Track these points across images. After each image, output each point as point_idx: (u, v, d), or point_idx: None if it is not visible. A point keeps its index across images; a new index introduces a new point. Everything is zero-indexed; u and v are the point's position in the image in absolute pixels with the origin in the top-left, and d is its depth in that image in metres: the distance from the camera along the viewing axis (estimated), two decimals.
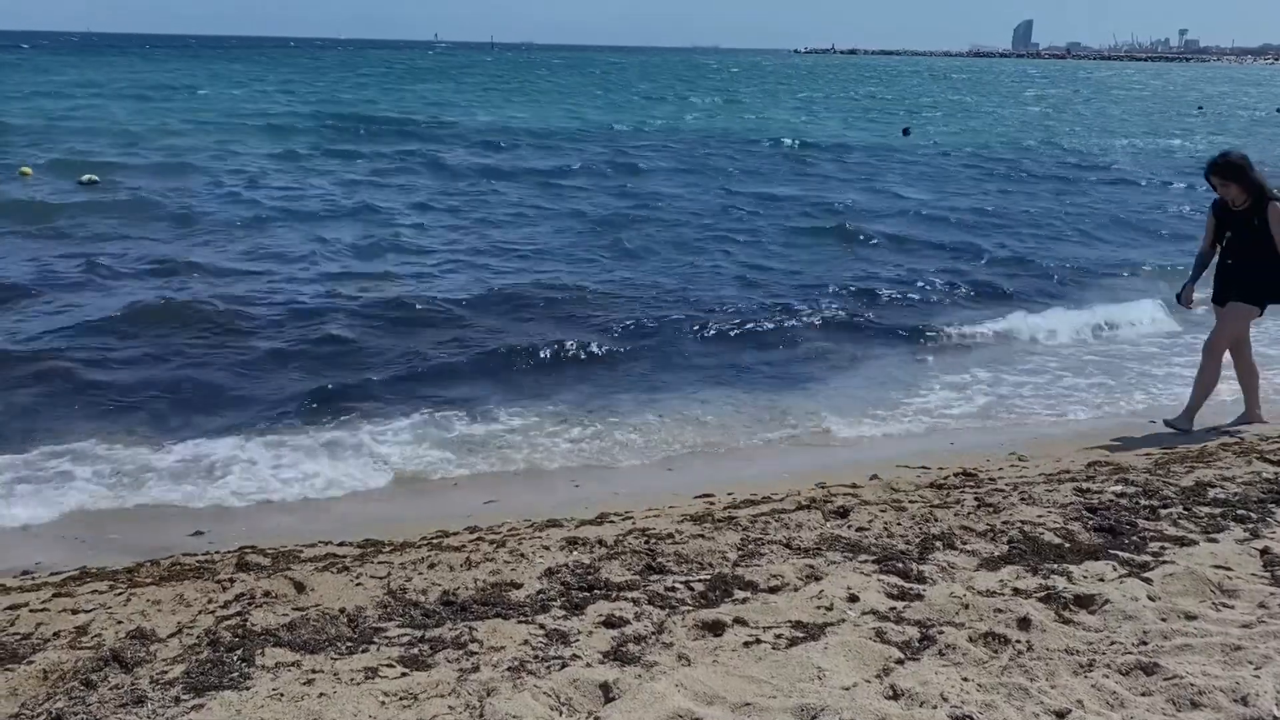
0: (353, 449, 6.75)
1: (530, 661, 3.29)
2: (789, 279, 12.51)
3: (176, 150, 22.97)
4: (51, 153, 21.18)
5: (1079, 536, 4.58)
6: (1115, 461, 6.17)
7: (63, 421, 7.03)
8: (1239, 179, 6.79)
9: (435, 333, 9.59)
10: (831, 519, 4.97)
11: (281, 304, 10.39)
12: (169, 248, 12.97)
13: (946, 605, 3.72)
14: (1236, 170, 6.80)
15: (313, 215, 15.92)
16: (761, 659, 3.30)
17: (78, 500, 5.89)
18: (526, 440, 7.10)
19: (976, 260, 14.05)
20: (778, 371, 8.93)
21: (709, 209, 17.66)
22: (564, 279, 12.02)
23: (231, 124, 30.09)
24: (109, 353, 8.58)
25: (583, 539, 4.72)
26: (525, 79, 73.82)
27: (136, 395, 7.61)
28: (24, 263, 11.79)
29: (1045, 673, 3.23)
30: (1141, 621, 3.59)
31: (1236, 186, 6.81)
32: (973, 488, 5.60)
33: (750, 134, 33.15)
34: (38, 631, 3.69)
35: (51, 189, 17.02)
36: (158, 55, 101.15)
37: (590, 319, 10.27)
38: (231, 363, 8.50)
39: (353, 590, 4.05)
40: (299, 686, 3.09)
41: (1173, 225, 17.67)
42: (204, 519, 5.73)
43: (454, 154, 24.93)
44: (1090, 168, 26.17)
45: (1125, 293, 12.21)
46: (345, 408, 7.46)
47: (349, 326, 9.65)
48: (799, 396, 8.22)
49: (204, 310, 9.93)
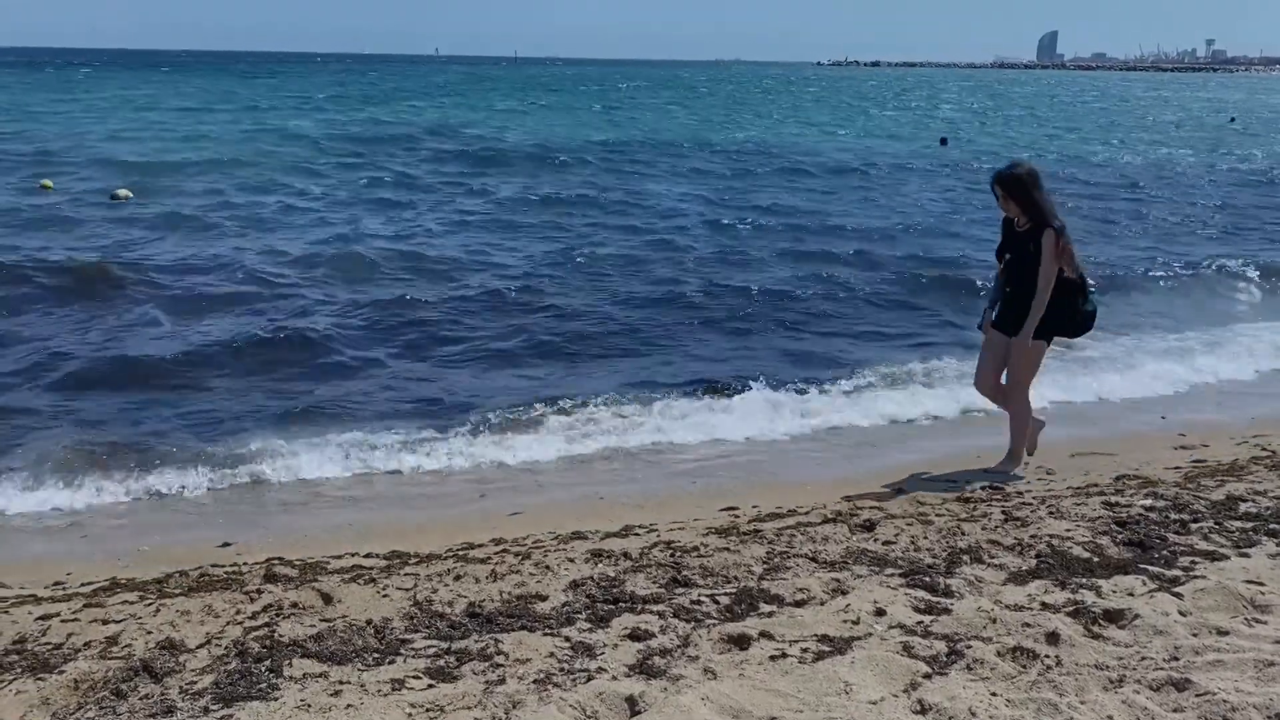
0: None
1: (556, 674, 3.30)
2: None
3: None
4: (86, 168, 21.46)
5: (1108, 551, 4.54)
6: (1144, 475, 6.11)
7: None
8: (1019, 196, 6.04)
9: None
10: (857, 532, 4.95)
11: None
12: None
13: (974, 619, 3.70)
14: (1018, 185, 6.04)
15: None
16: (788, 673, 3.29)
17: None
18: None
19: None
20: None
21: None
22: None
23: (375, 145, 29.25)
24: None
25: (607, 551, 4.72)
26: (640, 95, 72.90)
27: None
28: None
29: (1075, 688, 3.20)
30: (1172, 637, 3.56)
31: (1016, 204, 6.09)
32: (1000, 501, 5.57)
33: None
34: (69, 641, 3.73)
35: (76, 202, 17.21)
36: (201, 71, 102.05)
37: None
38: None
39: (379, 602, 4.07)
40: (326, 698, 3.11)
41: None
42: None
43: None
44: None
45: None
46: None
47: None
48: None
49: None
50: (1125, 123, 49.69)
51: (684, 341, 10.03)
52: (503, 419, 7.54)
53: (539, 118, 45.42)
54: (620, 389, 8.30)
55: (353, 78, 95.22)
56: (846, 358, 9.57)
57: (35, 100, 46.34)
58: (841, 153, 30.69)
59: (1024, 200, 6.04)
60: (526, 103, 58.83)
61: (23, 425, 7.24)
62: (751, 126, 42.31)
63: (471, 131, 35.63)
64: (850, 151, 31.20)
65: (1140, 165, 28.53)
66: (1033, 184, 6.04)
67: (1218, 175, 26.47)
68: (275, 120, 37.73)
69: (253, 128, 33.84)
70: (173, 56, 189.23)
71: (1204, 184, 24.37)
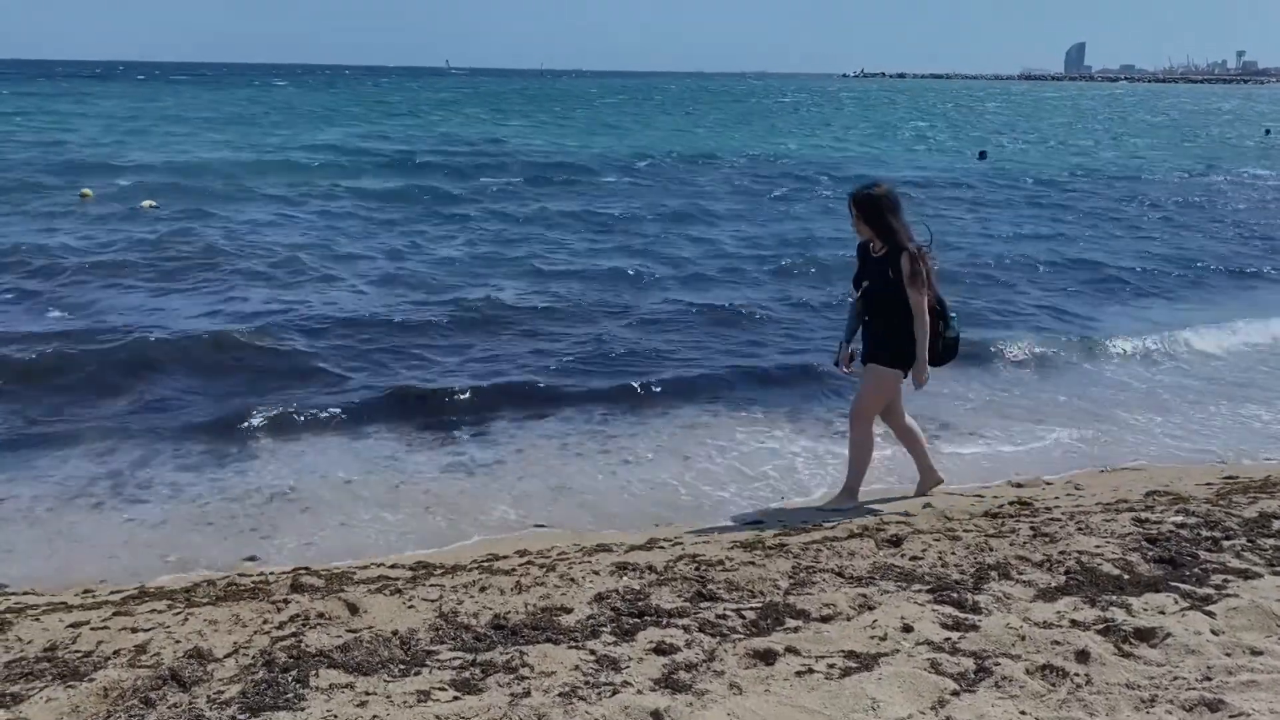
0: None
1: (581, 687, 3.29)
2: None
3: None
4: (119, 179, 21.76)
5: (1138, 568, 4.49)
6: (1175, 491, 6.04)
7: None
8: (872, 219, 5.79)
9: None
10: (884, 547, 4.92)
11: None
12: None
13: (1002, 636, 3.67)
14: (872, 207, 5.77)
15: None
16: (814, 689, 3.27)
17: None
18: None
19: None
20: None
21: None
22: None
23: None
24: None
25: (632, 564, 4.72)
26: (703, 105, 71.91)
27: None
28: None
29: (1105, 707, 3.16)
30: (1205, 656, 3.51)
31: (870, 227, 5.83)
32: (1028, 517, 5.52)
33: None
34: (98, 649, 3.76)
35: (107, 212, 17.43)
36: (227, 83, 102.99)
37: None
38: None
39: (405, 613, 4.08)
40: (352, 708, 3.12)
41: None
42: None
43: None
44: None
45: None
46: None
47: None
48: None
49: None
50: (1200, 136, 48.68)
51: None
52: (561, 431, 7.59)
53: (702, 134, 44.64)
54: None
55: (391, 90, 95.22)
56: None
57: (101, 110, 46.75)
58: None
59: (878, 223, 5.79)
60: (651, 119, 55.94)
61: (65, 430, 7.33)
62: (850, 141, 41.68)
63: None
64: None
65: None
66: (889, 207, 5.77)
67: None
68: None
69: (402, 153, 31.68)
70: (171, 69, 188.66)
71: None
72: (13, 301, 11.19)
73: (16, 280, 12.08)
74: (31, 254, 13.34)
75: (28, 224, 15.99)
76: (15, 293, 11.53)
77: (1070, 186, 26.43)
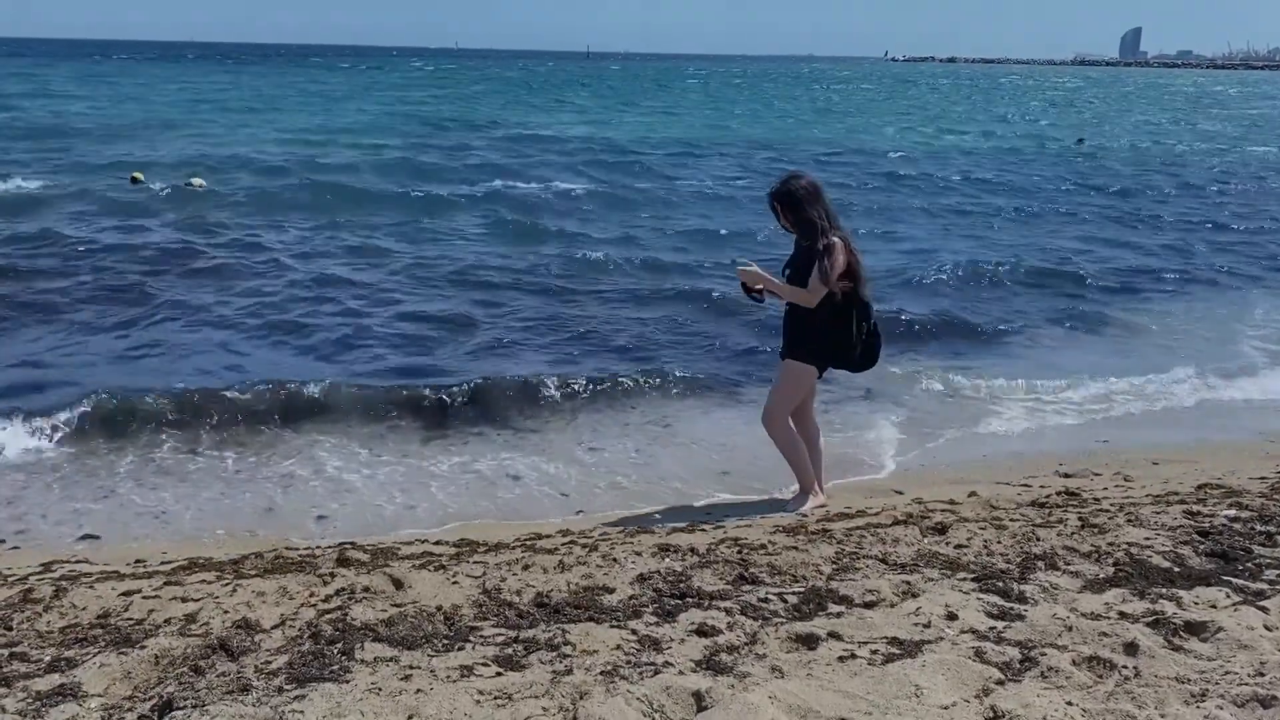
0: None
1: (623, 666, 3.30)
2: None
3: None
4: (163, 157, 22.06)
5: (1189, 561, 4.41)
6: (1227, 484, 5.93)
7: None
8: (793, 210, 5.61)
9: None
10: (929, 535, 4.88)
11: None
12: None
13: (1049, 627, 3.62)
14: (792, 200, 5.59)
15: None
16: (857, 674, 3.25)
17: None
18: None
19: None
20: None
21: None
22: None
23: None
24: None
25: (674, 546, 4.72)
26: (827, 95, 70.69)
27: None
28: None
29: (1155, 700, 3.11)
30: (1258, 651, 3.44)
31: (788, 219, 5.66)
32: (1076, 507, 5.45)
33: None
34: (150, 618, 3.83)
35: (156, 191, 17.65)
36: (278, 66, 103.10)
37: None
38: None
39: (449, 588, 4.11)
40: (397, 682, 3.15)
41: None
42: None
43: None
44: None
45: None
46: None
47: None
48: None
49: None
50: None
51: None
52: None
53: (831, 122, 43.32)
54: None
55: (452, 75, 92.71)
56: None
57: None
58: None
59: (795, 215, 5.60)
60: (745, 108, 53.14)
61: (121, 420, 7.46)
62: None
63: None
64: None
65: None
66: (807, 198, 5.57)
67: None
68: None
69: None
70: (183, 49, 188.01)
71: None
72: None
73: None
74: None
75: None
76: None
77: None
